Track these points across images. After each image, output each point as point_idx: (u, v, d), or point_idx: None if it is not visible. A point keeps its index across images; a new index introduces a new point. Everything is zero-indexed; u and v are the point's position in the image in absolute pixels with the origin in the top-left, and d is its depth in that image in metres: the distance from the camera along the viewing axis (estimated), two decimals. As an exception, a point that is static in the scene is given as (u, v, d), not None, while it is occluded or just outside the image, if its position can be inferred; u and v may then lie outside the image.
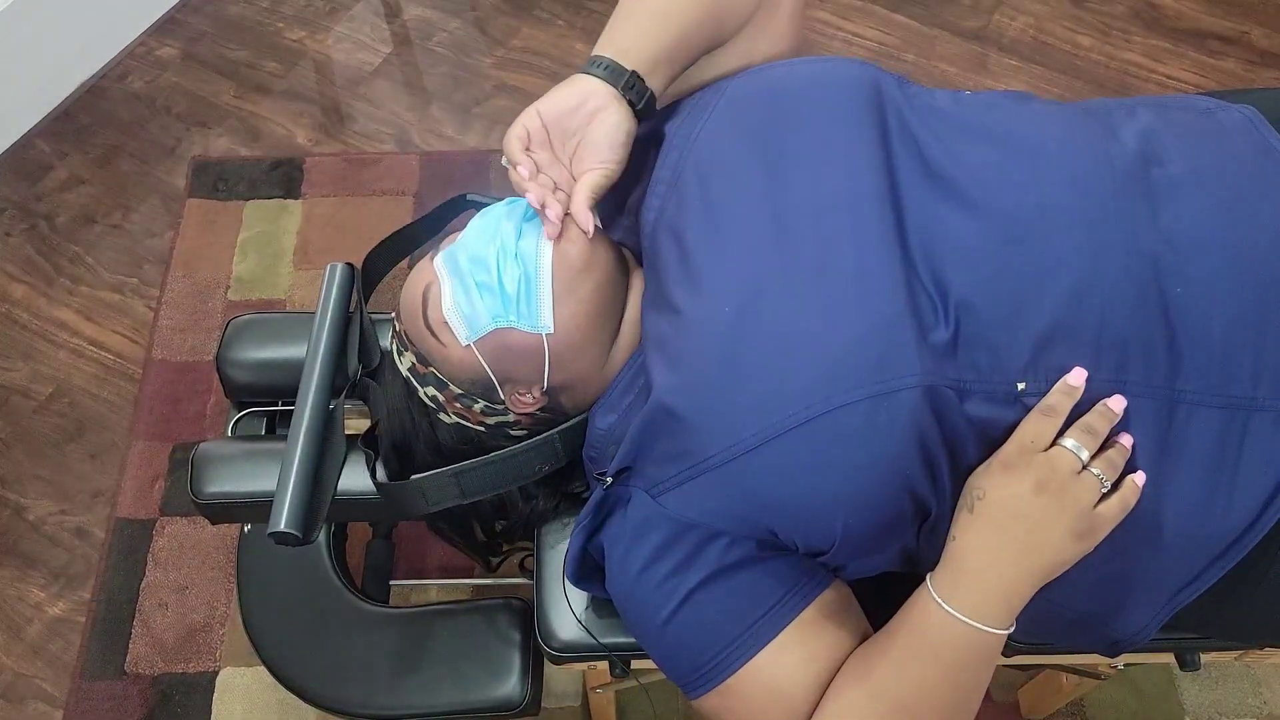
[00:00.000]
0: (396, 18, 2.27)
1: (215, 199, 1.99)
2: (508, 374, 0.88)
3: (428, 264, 0.91)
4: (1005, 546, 0.75)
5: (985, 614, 0.75)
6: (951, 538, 0.77)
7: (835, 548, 0.80)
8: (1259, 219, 0.80)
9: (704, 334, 0.80)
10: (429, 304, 0.88)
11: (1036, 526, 0.75)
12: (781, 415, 0.74)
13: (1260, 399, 0.76)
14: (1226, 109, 0.89)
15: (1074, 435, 0.76)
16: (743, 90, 0.91)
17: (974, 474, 0.77)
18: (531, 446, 0.90)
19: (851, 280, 0.77)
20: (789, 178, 0.83)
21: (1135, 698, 1.48)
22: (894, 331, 0.75)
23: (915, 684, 0.77)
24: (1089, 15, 2.25)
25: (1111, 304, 0.76)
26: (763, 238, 0.81)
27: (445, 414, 0.93)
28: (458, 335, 0.86)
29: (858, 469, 0.75)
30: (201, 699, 1.48)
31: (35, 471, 1.70)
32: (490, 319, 0.85)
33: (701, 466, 0.78)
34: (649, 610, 0.83)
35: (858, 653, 0.81)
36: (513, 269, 0.84)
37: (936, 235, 0.80)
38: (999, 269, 0.78)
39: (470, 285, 0.85)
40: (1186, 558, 0.79)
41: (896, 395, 0.73)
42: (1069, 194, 0.79)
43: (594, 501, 0.87)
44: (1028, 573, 0.75)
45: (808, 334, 0.76)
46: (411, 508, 0.93)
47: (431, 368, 0.91)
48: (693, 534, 0.81)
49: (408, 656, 1.12)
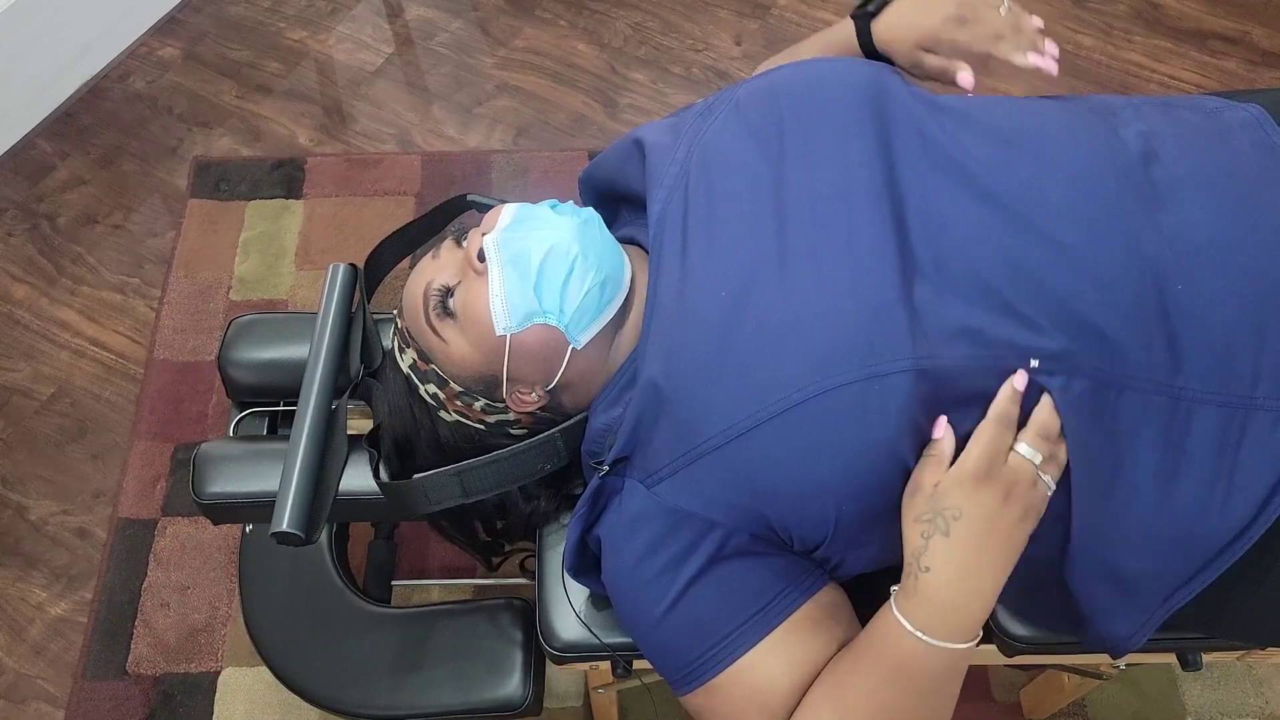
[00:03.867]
0: (398, 18, 2.28)
1: (217, 199, 1.99)
2: (518, 372, 0.88)
3: (430, 262, 0.91)
4: (985, 565, 0.75)
5: (965, 635, 0.76)
6: (924, 569, 0.75)
7: (830, 537, 0.80)
8: (1260, 219, 0.80)
9: (699, 319, 0.80)
10: (431, 301, 0.88)
11: (1006, 538, 0.76)
12: (774, 398, 0.75)
13: (1259, 398, 0.76)
14: (1233, 108, 0.90)
15: (1029, 440, 0.76)
16: (750, 91, 0.92)
17: (936, 494, 0.75)
18: (533, 445, 0.91)
19: (844, 266, 0.78)
20: (789, 171, 0.84)
21: (1137, 698, 1.48)
22: (886, 315, 0.75)
23: (889, 708, 0.77)
24: (1091, 15, 2.25)
25: (1111, 301, 0.76)
26: (761, 228, 0.82)
27: (446, 411, 0.93)
28: (495, 324, 0.85)
29: (850, 452, 0.75)
30: (203, 699, 1.48)
31: (37, 472, 1.70)
32: (541, 314, 0.85)
33: (695, 453, 0.78)
34: (645, 603, 0.84)
35: (829, 668, 0.81)
36: (590, 276, 0.84)
37: (942, 222, 0.80)
38: (1004, 257, 0.78)
39: (529, 275, 0.84)
40: (1184, 556, 0.79)
41: (888, 378, 0.74)
42: (1072, 191, 0.80)
43: (589, 492, 0.87)
44: (1000, 582, 0.77)
45: (800, 319, 0.77)
46: (414, 507, 0.93)
47: (433, 365, 0.91)
48: (687, 526, 0.81)
49: (409, 657, 1.12)
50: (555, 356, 0.87)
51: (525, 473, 0.92)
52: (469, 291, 0.87)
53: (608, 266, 0.86)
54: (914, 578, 0.76)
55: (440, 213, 1.07)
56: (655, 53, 2.21)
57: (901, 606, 0.76)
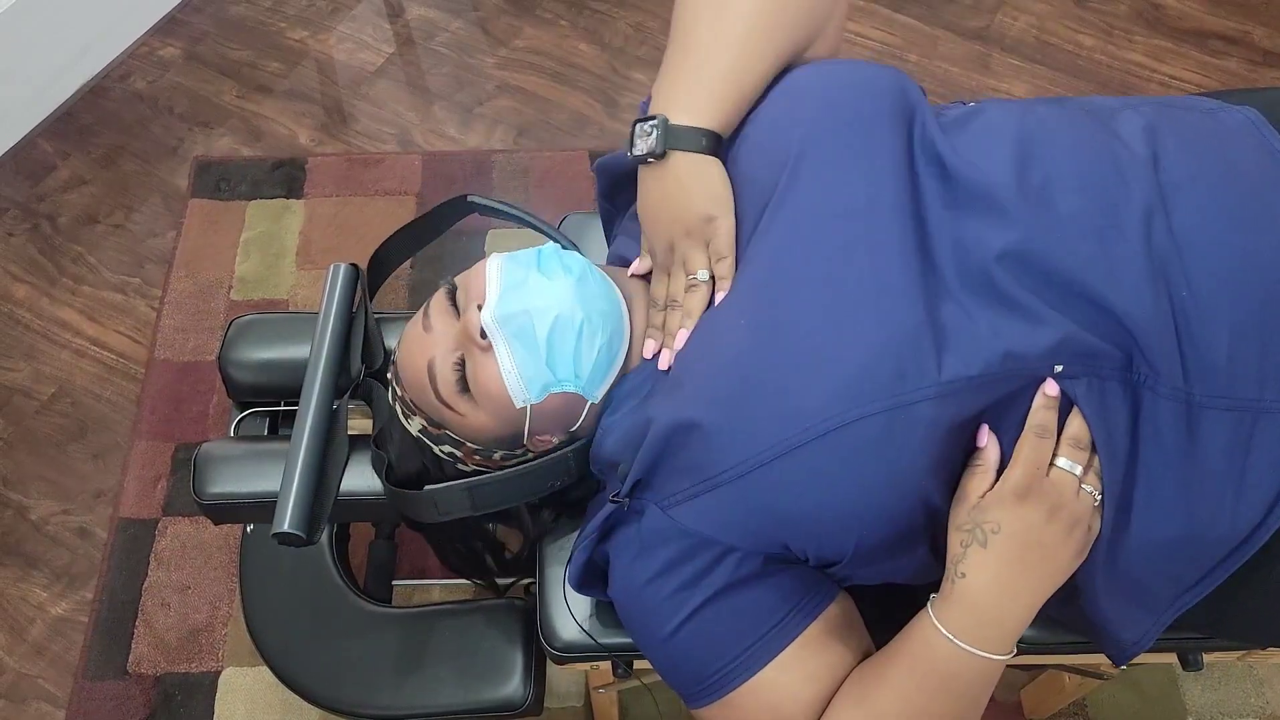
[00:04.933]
0: (399, 18, 2.28)
1: (217, 199, 1.99)
2: (538, 429, 0.88)
3: (422, 336, 0.87)
4: (1023, 579, 0.75)
5: (1000, 646, 0.76)
6: (960, 574, 0.76)
7: (847, 560, 0.79)
8: (1262, 221, 0.79)
9: (718, 349, 0.80)
10: (442, 379, 0.86)
11: (1051, 553, 0.75)
12: (798, 428, 0.74)
13: (1267, 401, 0.76)
14: (1229, 110, 0.89)
15: (1067, 453, 0.76)
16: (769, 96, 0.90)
17: (979, 507, 0.76)
18: (545, 464, 0.90)
19: (868, 290, 0.77)
20: (806, 186, 0.82)
21: (1138, 698, 1.48)
22: (912, 343, 0.74)
23: (919, 713, 0.77)
24: (1091, 15, 2.25)
25: (1128, 307, 0.76)
26: (777, 246, 0.81)
27: (463, 464, 0.93)
28: (514, 398, 0.84)
29: (874, 482, 0.75)
30: (204, 699, 1.48)
31: (38, 472, 1.70)
32: (557, 383, 0.84)
33: (716, 480, 0.77)
34: (654, 621, 0.83)
35: (854, 676, 0.81)
36: (597, 339, 0.84)
37: (962, 236, 0.79)
38: (1024, 269, 0.77)
39: (539, 350, 0.83)
40: (1194, 559, 0.79)
41: (914, 408, 0.73)
42: (1080, 198, 0.79)
43: (602, 516, 0.86)
44: (1041, 597, 0.76)
45: (824, 347, 0.76)
46: (422, 515, 0.93)
47: (446, 429, 0.89)
48: (703, 550, 0.80)
49: (410, 656, 1.12)
50: (574, 412, 0.87)
51: (535, 489, 0.91)
52: (479, 368, 0.84)
53: (611, 322, 0.85)
54: (951, 582, 0.76)
55: (442, 213, 1.07)
56: (656, 52, 2.21)
57: (938, 611, 0.77)
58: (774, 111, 0.88)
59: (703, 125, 0.85)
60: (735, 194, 0.86)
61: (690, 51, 0.88)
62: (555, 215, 1.21)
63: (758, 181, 0.85)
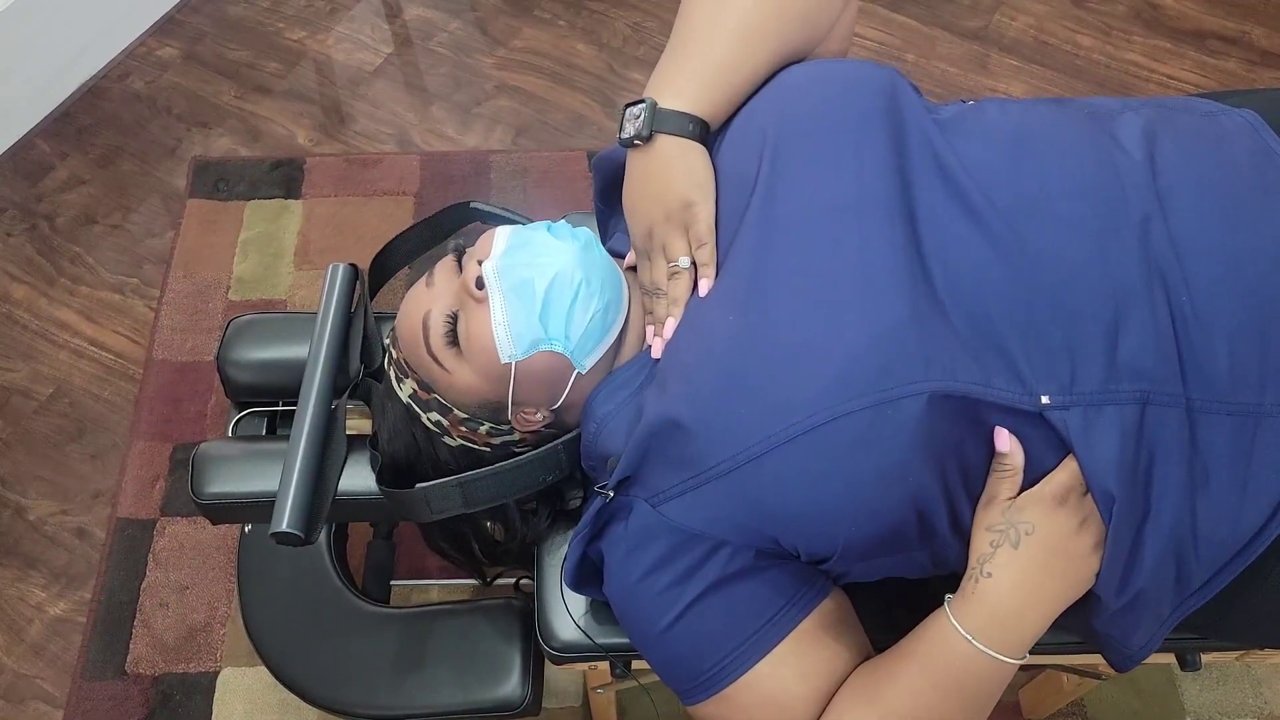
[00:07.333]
0: (397, 18, 2.28)
1: (216, 199, 1.99)
2: (523, 396, 0.88)
3: (424, 291, 0.89)
4: (1046, 585, 0.76)
5: (1017, 650, 0.76)
6: (986, 574, 0.76)
7: (837, 556, 0.79)
8: (1260, 225, 0.79)
9: (707, 344, 0.80)
10: (434, 331, 0.87)
11: (1074, 564, 0.76)
12: (786, 423, 0.74)
13: (1267, 406, 0.75)
14: (1228, 113, 0.89)
15: None
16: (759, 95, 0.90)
17: (1014, 507, 0.76)
18: (535, 458, 0.90)
19: (857, 285, 0.77)
20: (793, 180, 0.82)
21: (1136, 698, 1.48)
22: (899, 338, 0.74)
23: (931, 711, 0.77)
24: (1090, 15, 2.25)
25: (1127, 315, 0.75)
26: (766, 242, 0.81)
27: (450, 438, 0.93)
28: (500, 352, 0.84)
29: (861, 477, 0.74)
30: (202, 699, 1.48)
31: (36, 472, 1.70)
32: (547, 341, 0.84)
33: (705, 475, 0.77)
34: (648, 618, 0.83)
35: (863, 673, 0.81)
36: (593, 302, 0.84)
37: (951, 243, 0.79)
38: (1014, 279, 0.77)
39: (534, 303, 0.83)
40: (1199, 565, 0.79)
41: (900, 403, 0.73)
42: (1078, 204, 0.79)
43: (593, 511, 0.86)
44: (1059, 607, 0.77)
45: (812, 341, 0.76)
46: (416, 513, 0.93)
47: (434, 394, 0.90)
48: (694, 545, 0.80)
49: (408, 656, 1.12)
50: (560, 381, 0.87)
51: (527, 484, 0.92)
52: (471, 320, 0.86)
53: (610, 292, 0.86)
54: (974, 581, 0.76)
55: (444, 220, 1.07)
56: (654, 53, 2.21)
57: (957, 609, 0.77)
58: (756, 104, 0.89)
59: (690, 111, 0.86)
60: (718, 184, 0.86)
61: (687, 41, 0.89)
62: (554, 215, 1.20)
63: (739, 172, 0.85)
